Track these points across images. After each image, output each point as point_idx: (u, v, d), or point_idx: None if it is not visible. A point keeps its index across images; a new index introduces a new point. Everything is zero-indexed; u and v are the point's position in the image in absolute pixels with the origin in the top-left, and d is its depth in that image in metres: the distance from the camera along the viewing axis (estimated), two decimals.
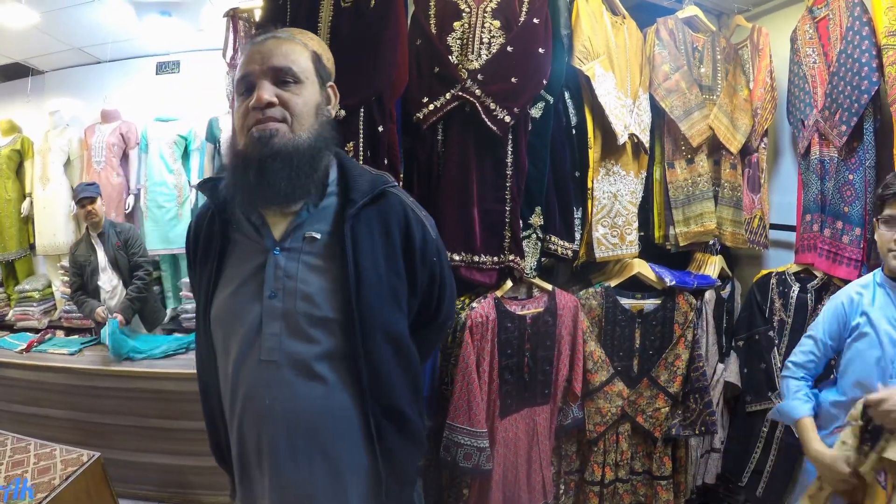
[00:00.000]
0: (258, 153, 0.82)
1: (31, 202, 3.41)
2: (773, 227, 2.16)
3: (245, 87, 0.85)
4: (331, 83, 0.95)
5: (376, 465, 0.89)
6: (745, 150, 2.10)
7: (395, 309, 0.90)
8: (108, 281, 2.66)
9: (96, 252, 2.64)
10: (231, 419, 0.90)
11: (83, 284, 2.66)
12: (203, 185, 0.96)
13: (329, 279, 0.86)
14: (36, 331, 2.99)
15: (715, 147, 2.04)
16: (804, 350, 1.43)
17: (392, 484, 0.91)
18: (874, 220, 1.30)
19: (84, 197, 2.56)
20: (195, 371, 2.31)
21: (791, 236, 2.05)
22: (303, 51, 0.88)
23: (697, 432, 1.85)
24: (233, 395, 0.88)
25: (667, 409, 1.85)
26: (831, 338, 1.38)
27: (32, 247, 3.50)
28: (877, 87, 1.66)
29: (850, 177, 1.79)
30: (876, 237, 1.31)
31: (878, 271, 1.34)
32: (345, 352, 0.85)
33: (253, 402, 0.85)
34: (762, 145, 2.11)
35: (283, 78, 0.84)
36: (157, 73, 3.29)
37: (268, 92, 0.82)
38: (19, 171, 3.46)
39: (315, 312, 0.85)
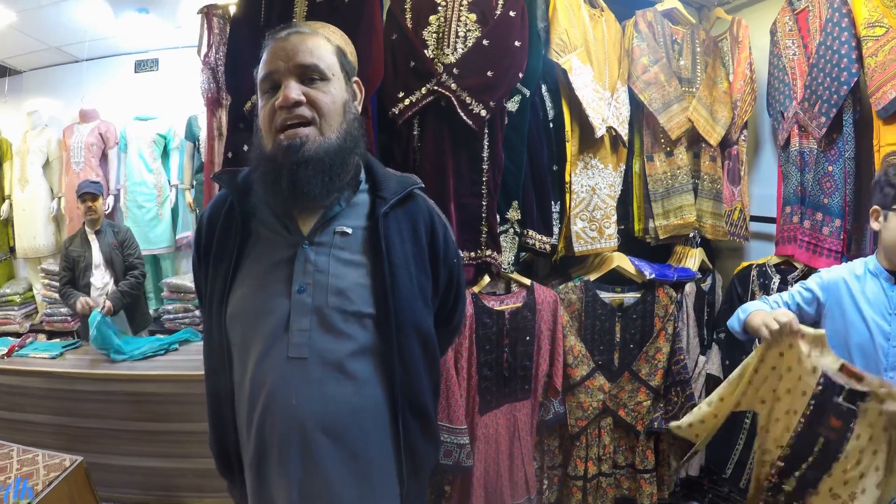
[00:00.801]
0: (289, 161, 0.80)
1: (10, 204, 3.36)
2: (754, 219, 2.16)
3: (270, 85, 0.83)
4: (356, 78, 0.93)
5: (401, 467, 0.88)
6: (725, 143, 2.10)
7: (424, 307, 0.90)
8: (101, 278, 2.64)
9: (91, 248, 2.62)
10: (249, 422, 0.84)
11: (73, 279, 2.63)
12: (220, 177, 0.93)
13: (363, 274, 0.85)
14: (17, 335, 2.95)
15: (694, 139, 2.05)
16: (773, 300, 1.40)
17: (412, 482, 0.90)
18: (881, 210, 1.22)
19: (86, 192, 2.55)
20: (178, 373, 2.25)
21: (771, 228, 2.06)
22: (327, 46, 0.86)
23: None
24: (252, 396, 0.83)
25: (648, 402, 1.85)
26: (806, 303, 1.35)
27: (12, 250, 3.46)
28: (856, 79, 1.67)
29: (830, 168, 1.79)
30: (881, 228, 1.23)
31: (870, 258, 1.29)
32: (377, 348, 0.84)
33: (277, 402, 0.81)
34: (742, 137, 2.12)
35: (310, 75, 0.82)
36: (135, 72, 3.25)
37: (295, 91, 0.80)
38: None
39: (348, 307, 0.82)
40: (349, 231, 0.86)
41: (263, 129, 0.84)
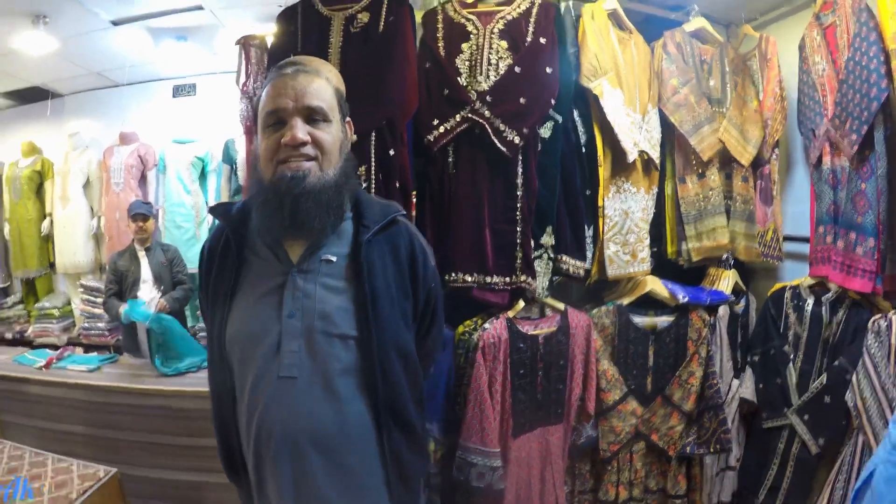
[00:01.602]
0: (291, 191, 0.86)
1: (52, 221, 3.48)
2: (788, 238, 2.12)
3: (275, 120, 0.89)
4: (348, 119, 0.99)
5: (388, 477, 0.93)
6: (757, 162, 2.07)
7: (405, 327, 0.95)
8: (148, 293, 2.71)
9: (140, 264, 2.70)
10: (248, 436, 0.92)
11: (119, 292, 2.71)
12: (216, 210, 1.01)
13: (346, 299, 0.90)
14: (55, 347, 3.02)
15: (726, 160, 2.03)
16: None
17: (401, 493, 0.95)
18: None
19: (138, 213, 2.67)
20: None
21: (805, 248, 2.01)
22: (328, 88, 0.92)
23: (712, 450, 1.83)
24: (250, 412, 0.90)
25: (681, 427, 1.83)
26: None
27: (52, 265, 3.57)
28: (886, 94, 1.63)
29: (863, 186, 1.75)
30: None
31: None
32: (361, 367, 0.90)
33: (271, 417, 0.88)
34: (773, 156, 2.09)
35: (314, 116, 0.89)
36: (173, 96, 3.35)
37: (302, 131, 0.86)
38: (39, 192, 3.54)
39: (333, 330, 0.89)
40: (334, 259, 0.92)
41: (263, 160, 0.90)
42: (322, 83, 0.91)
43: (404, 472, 0.95)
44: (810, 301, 1.88)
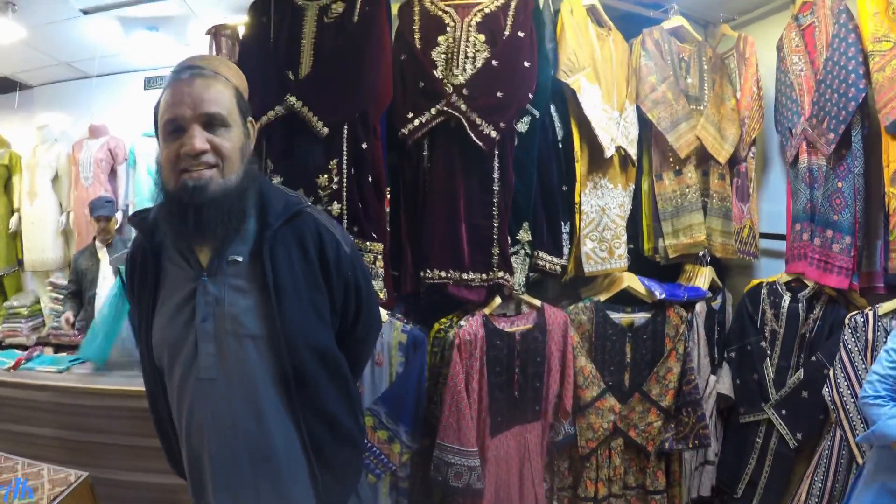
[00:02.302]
0: (193, 201, 0.86)
1: (20, 218, 3.37)
2: (763, 236, 2.15)
3: (173, 128, 0.87)
4: (250, 118, 0.97)
5: (311, 468, 0.95)
6: (734, 160, 2.09)
7: (318, 322, 0.95)
8: (107, 290, 2.63)
9: (99, 262, 2.65)
10: (181, 437, 0.95)
11: (79, 291, 2.67)
12: (132, 219, 1.01)
13: (252, 298, 0.91)
14: (24, 348, 2.94)
15: (703, 158, 2.04)
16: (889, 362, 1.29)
17: (328, 481, 0.96)
18: None
19: (101, 215, 2.61)
20: None
21: (781, 245, 2.04)
22: (227, 90, 0.91)
23: (691, 446, 1.84)
24: (178, 414, 0.94)
25: (659, 423, 1.84)
26: None
27: (21, 262, 3.46)
28: (864, 94, 1.65)
29: (839, 185, 1.77)
30: None
31: None
32: (273, 365, 0.91)
33: (196, 419, 0.91)
34: (750, 155, 2.11)
35: (213, 122, 0.88)
36: (144, 89, 3.25)
37: (200, 140, 0.85)
38: (7, 187, 3.42)
39: (241, 331, 0.90)
40: (239, 259, 0.92)
41: (165, 169, 0.89)
42: (220, 87, 0.90)
43: (329, 464, 0.96)
44: (787, 297, 1.90)
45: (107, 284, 2.64)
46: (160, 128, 0.89)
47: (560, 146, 1.75)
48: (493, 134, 1.54)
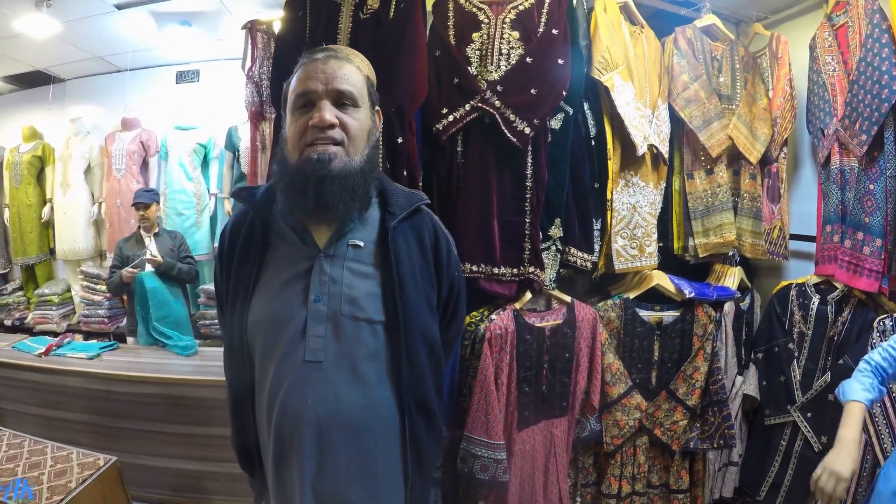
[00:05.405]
0: (316, 174, 0.85)
1: (52, 207, 3.46)
2: (794, 237, 2.13)
3: (304, 102, 0.89)
4: (378, 108, 0.98)
5: (406, 464, 0.93)
6: (765, 160, 2.07)
7: (430, 314, 0.96)
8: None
9: (146, 250, 2.70)
10: (269, 421, 0.91)
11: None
12: (239, 193, 1.00)
13: (373, 284, 0.91)
14: (55, 334, 3.03)
15: (734, 157, 2.03)
16: (886, 349, 1.31)
17: (416, 479, 0.95)
18: None
19: (139, 202, 2.68)
20: (212, 378, 2.29)
21: (811, 247, 2.02)
22: (359, 74, 0.93)
23: (716, 446, 1.83)
24: (272, 397, 0.90)
25: (685, 422, 1.83)
26: None
27: (52, 251, 3.56)
28: None
29: (871, 187, 1.76)
30: None
31: None
32: (387, 352, 0.90)
33: (295, 401, 0.87)
34: (782, 155, 2.09)
35: (343, 100, 0.89)
36: (176, 82, 3.33)
37: (330, 113, 0.86)
38: (40, 177, 3.53)
39: (360, 315, 0.89)
40: (361, 244, 0.92)
41: (290, 143, 0.90)
42: (353, 69, 0.91)
43: (422, 459, 0.96)
44: (816, 299, 1.88)
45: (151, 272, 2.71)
46: (290, 103, 0.90)
47: (592, 143, 1.75)
48: (527, 130, 1.55)
